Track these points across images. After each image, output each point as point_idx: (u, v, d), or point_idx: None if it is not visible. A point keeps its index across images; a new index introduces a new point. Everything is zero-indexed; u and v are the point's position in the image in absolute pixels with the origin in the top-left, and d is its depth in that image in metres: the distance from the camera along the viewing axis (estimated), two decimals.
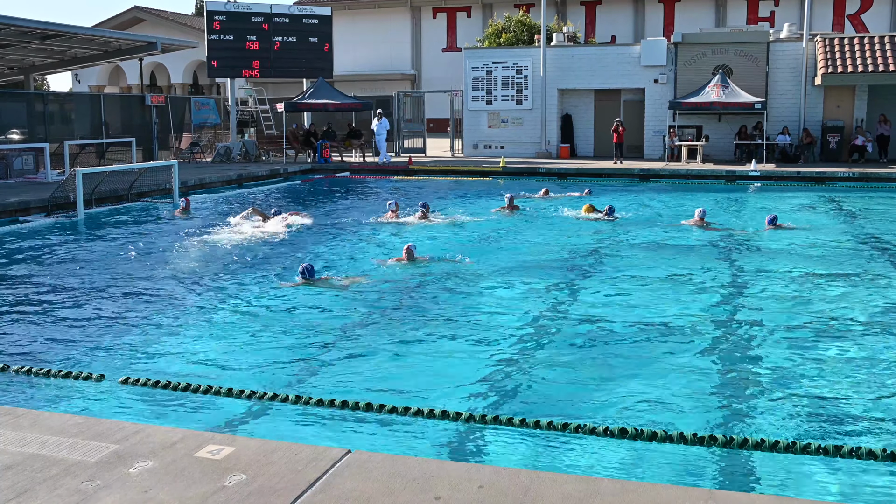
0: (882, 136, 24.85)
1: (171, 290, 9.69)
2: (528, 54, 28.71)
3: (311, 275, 9.82)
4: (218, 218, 16.01)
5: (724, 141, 26.59)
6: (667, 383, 6.34)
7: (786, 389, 6.20)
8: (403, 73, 42.82)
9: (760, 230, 13.81)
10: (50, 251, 12.53)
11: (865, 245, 12.68)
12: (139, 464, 3.60)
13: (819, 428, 5.49)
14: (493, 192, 19.74)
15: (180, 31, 42.35)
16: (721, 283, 10.04)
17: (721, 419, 5.69)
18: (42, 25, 22.69)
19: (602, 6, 40.97)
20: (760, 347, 7.32)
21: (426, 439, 5.29)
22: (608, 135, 27.03)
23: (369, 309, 8.74)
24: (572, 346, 7.38)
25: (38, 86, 41.96)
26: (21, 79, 32.03)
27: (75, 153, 23.36)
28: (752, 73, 25.88)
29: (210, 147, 29.19)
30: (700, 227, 14.01)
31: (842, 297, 9.19)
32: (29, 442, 3.86)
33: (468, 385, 6.34)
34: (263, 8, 27.88)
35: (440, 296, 9.29)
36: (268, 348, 7.38)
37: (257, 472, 3.51)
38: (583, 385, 6.36)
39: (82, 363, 6.84)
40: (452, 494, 3.28)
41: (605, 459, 4.97)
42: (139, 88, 35.69)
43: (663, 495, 3.28)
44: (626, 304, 8.91)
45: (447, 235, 13.76)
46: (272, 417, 5.66)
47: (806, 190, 20.67)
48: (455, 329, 7.93)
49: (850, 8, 37.89)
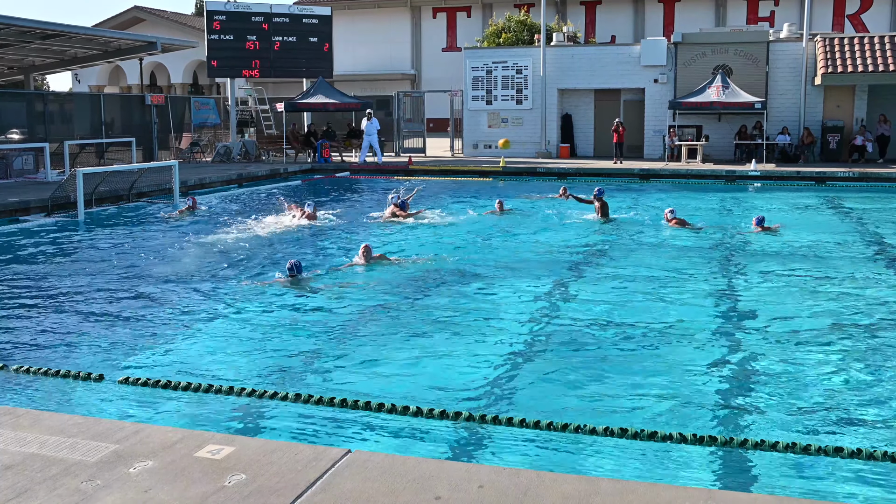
0: (882, 136, 24.85)
1: (171, 289, 9.69)
2: (528, 54, 28.71)
3: (299, 271, 9.79)
4: (220, 217, 16.01)
5: (724, 141, 26.58)
6: (667, 383, 6.34)
7: (786, 390, 6.21)
8: (403, 73, 42.81)
9: (747, 230, 13.77)
10: (50, 251, 12.53)
11: (865, 245, 12.68)
12: (139, 464, 3.60)
13: (819, 429, 5.49)
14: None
15: (180, 30, 42.33)
16: (721, 283, 10.04)
17: (721, 419, 5.69)
18: (42, 25, 22.69)
19: (602, 6, 40.97)
20: (760, 348, 7.32)
21: (426, 439, 5.29)
22: (608, 135, 27.03)
23: (369, 308, 8.74)
24: (572, 346, 7.38)
25: (38, 85, 41.97)
26: (21, 79, 32.04)
27: (75, 153, 23.36)
28: (752, 72, 25.88)
29: (210, 147, 29.19)
30: (676, 227, 14.00)
31: (842, 298, 9.18)
32: (29, 442, 3.86)
33: (468, 385, 6.34)
34: (263, 8, 27.88)
35: (440, 295, 9.29)
36: (268, 348, 7.38)
37: (257, 472, 3.51)
38: (583, 385, 6.36)
39: (82, 363, 6.84)
40: (452, 494, 3.28)
41: (605, 459, 4.97)
42: (139, 88, 35.70)
43: (663, 495, 3.28)
44: (625, 303, 8.91)
45: (445, 235, 13.76)
46: (272, 417, 5.66)
47: (806, 190, 20.68)
48: (455, 329, 7.92)
49: (850, 8, 37.88)
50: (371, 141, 26.74)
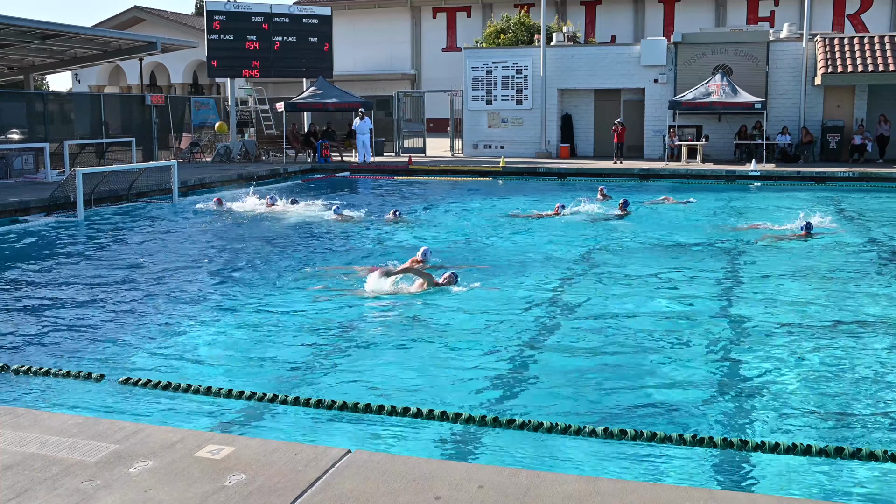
0: (882, 136, 24.85)
1: (171, 289, 9.69)
2: (528, 54, 28.71)
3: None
4: (223, 216, 16.01)
5: (724, 141, 26.59)
6: (667, 383, 6.34)
7: (787, 390, 6.20)
8: (403, 73, 42.83)
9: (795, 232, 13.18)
10: (50, 251, 12.53)
11: (865, 245, 12.67)
12: (139, 464, 3.60)
13: (820, 429, 5.49)
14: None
15: (180, 30, 42.33)
16: (721, 283, 10.03)
17: (721, 419, 5.68)
18: (42, 25, 22.69)
19: (602, 6, 40.98)
20: (761, 348, 7.32)
21: (426, 439, 5.29)
22: (608, 135, 27.04)
23: (369, 309, 8.74)
24: (572, 346, 7.38)
25: (38, 85, 41.96)
26: (21, 78, 32.03)
27: (75, 153, 23.36)
28: (752, 72, 25.88)
29: (210, 147, 29.19)
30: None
31: (843, 298, 9.18)
32: (29, 442, 3.85)
33: (468, 385, 6.34)
34: (263, 8, 27.88)
35: (441, 295, 9.28)
36: (268, 348, 7.37)
37: (257, 471, 3.51)
38: (583, 385, 6.35)
39: (82, 363, 6.84)
40: (452, 494, 3.28)
41: (605, 459, 4.97)
42: (139, 88, 35.68)
43: (663, 495, 3.28)
44: (625, 303, 8.91)
45: (443, 235, 13.77)
46: (272, 417, 5.66)
47: (806, 190, 20.67)
48: (455, 328, 7.92)
49: (850, 8, 37.90)
50: (363, 140, 26.69)
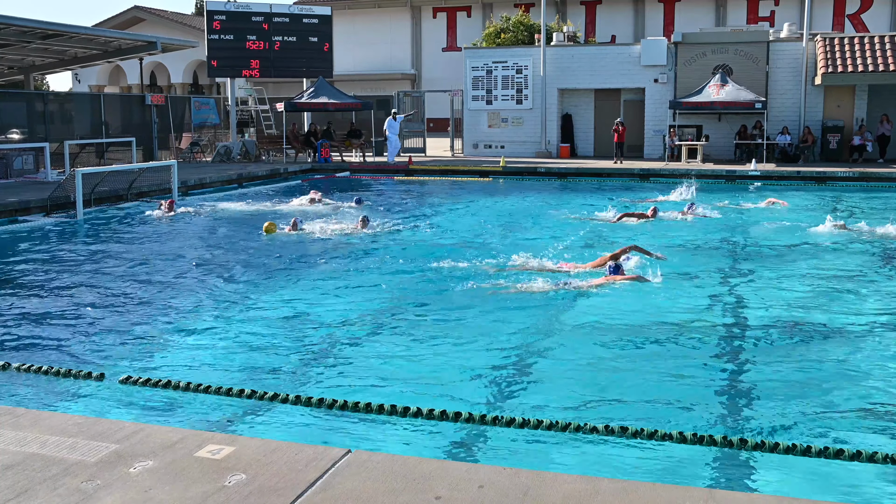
0: (882, 136, 24.85)
1: (171, 289, 9.69)
2: (528, 54, 28.70)
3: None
4: (216, 217, 16.01)
5: (724, 141, 26.59)
6: (667, 383, 6.34)
7: (787, 390, 6.20)
8: (403, 72, 42.81)
9: None
10: (49, 251, 12.53)
11: (865, 245, 12.66)
12: (139, 463, 3.60)
13: (820, 430, 5.49)
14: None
15: (180, 30, 42.32)
16: (721, 283, 10.03)
17: (721, 419, 5.68)
18: (42, 25, 22.69)
19: (602, 6, 40.96)
20: (761, 348, 7.32)
21: (426, 439, 5.29)
22: (608, 134, 27.04)
23: (369, 309, 8.73)
24: (572, 346, 7.37)
25: (38, 85, 41.97)
26: (21, 78, 32.04)
27: (75, 153, 23.35)
28: (752, 72, 25.87)
29: (210, 147, 29.19)
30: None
31: (843, 298, 9.18)
32: (29, 442, 3.85)
33: (468, 385, 6.33)
34: (263, 8, 27.87)
35: (440, 295, 9.28)
36: (268, 348, 7.37)
37: (257, 471, 3.51)
38: (583, 384, 6.35)
39: (82, 362, 6.84)
40: (452, 494, 3.28)
41: (605, 459, 4.97)
42: (139, 88, 35.69)
43: (663, 495, 3.28)
44: (625, 303, 8.90)
45: (444, 235, 13.77)
46: (272, 417, 5.66)
47: (806, 189, 20.67)
48: (455, 328, 7.92)
49: (850, 7, 37.89)
50: (392, 139, 26.77)
